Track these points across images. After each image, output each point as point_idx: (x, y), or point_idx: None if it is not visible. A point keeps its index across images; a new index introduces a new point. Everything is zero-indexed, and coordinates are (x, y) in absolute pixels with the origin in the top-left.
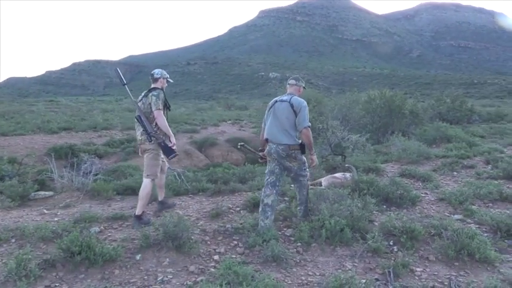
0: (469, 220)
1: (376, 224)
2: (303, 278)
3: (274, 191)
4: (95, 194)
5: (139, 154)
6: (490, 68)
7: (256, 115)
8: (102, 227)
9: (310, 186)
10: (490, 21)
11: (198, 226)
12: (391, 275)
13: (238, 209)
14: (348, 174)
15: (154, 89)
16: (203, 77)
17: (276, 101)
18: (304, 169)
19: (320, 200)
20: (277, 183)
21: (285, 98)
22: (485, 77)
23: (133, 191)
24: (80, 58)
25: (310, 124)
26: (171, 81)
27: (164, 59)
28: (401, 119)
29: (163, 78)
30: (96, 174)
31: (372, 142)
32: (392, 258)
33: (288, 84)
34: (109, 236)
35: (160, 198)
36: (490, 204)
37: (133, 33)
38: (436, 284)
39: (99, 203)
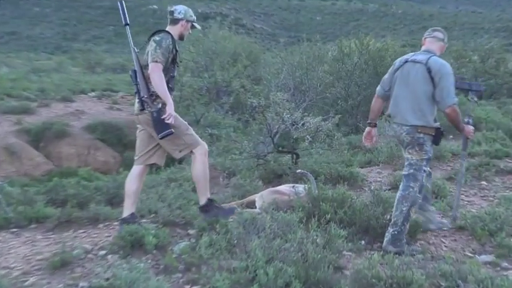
0: (505, 264)
1: (348, 273)
2: None
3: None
4: None
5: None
6: None
7: None
8: None
9: (233, 206)
10: None
11: None
12: None
13: (102, 252)
14: (300, 187)
15: (160, 32)
16: (44, 11)
17: (407, 61)
18: (422, 170)
19: (250, 232)
20: (419, 176)
21: (419, 57)
22: None
23: None
24: None
25: (457, 100)
26: (198, 27)
27: None
28: None
29: (187, 22)
30: None
31: (346, 130)
32: None
33: (426, 37)
34: None
35: (201, 202)
36: None
37: None
38: None
39: None
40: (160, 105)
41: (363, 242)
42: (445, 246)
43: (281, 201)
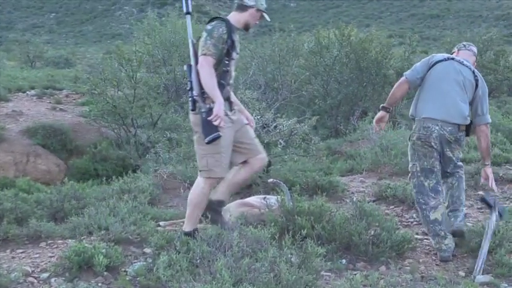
0: (505, 285)
1: None
2: None
3: (441, 199)
4: None
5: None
6: None
7: (92, 78)
8: None
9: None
10: None
11: None
12: None
13: (45, 275)
14: (272, 199)
15: (214, 19)
16: None
17: (454, 59)
18: (460, 158)
19: (215, 250)
20: (440, 187)
21: (466, 62)
22: None
23: None
24: None
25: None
26: (268, 18)
27: None
28: (382, 87)
29: (257, 10)
30: None
31: (324, 133)
32: None
33: (460, 49)
34: None
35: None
36: None
37: None
38: None
39: None
40: (212, 105)
41: (343, 260)
42: (436, 265)
43: (250, 215)
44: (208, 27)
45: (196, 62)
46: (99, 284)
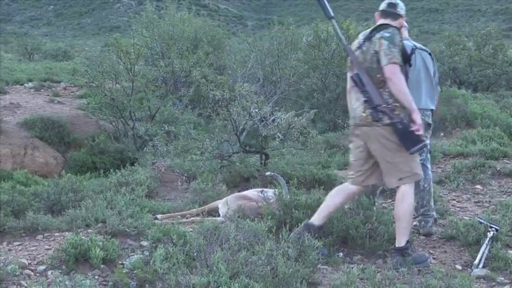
0: (501, 278)
1: None
2: None
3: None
4: None
5: (349, 140)
6: None
7: (90, 71)
8: None
9: (189, 217)
10: None
11: None
12: None
13: (41, 267)
14: (270, 192)
15: (385, 26)
16: None
17: (416, 48)
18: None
19: (212, 243)
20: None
21: (417, 45)
22: None
23: None
24: None
25: None
26: (406, 25)
27: None
28: None
29: (403, 18)
30: None
31: (323, 127)
32: None
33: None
34: None
35: (318, 222)
36: None
37: None
38: None
39: None
40: (402, 115)
41: (340, 254)
42: (433, 258)
43: (248, 208)
44: (386, 34)
45: (364, 71)
46: (96, 277)
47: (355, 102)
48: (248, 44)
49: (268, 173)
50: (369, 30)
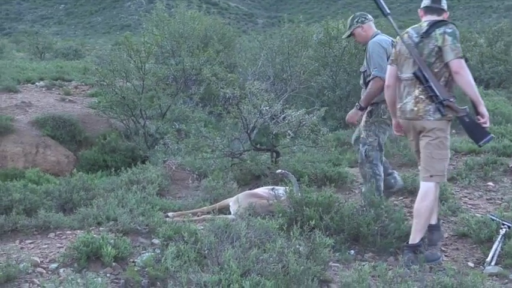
0: None
1: (335, 286)
2: None
3: None
4: None
5: (395, 133)
6: None
7: (101, 70)
8: None
9: (200, 215)
10: None
11: None
12: None
13: (53, 265)
14: (281, 190)
15: (444, 23)
16: None
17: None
18: None
19: (223, 241)
20: None
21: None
22: None
23: None
24: None
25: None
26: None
27: None
28: None
29: (447, 13)
30: None
31: (333, 124)
32: None
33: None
34: None
35: (433, 222)
36: None
37: None
38: None
39: None
40: (467, 108)
41: (352, 251)
42: (445, 255)
43: (259, 206)
44: (449, 30)
45: (426, 66)
46: (108, 275)
47: (405, 97)
48: (258, 41)
49: (279, 171)
50: (423, 26)
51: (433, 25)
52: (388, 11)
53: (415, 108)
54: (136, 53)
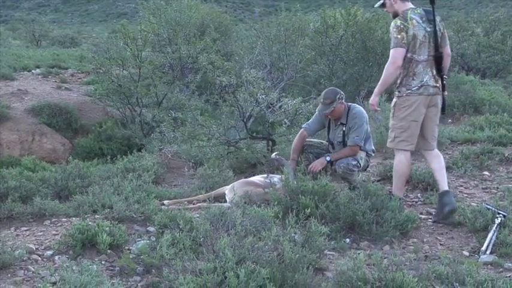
0: (508, 264)
1: (330, 274)
2: None
3: None
4: None
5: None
6: None
7: (97, 57)
8: None
9: (195, 203)
10: None
11: None
12: None
13: (48, 252)
14: (276, 178)
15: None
16: None
17: None
18: None
19: (218, 229)
20: None
21: None
22: None
23: None
24: None
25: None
26: None
27: None
28: None
29: None
30: None
31: None
32: None
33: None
34: None
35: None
36: None
37: None
38: None
39: None
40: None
41: (347, 240)
42: (440, 244)
43: (254, 194)
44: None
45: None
46: (103, 262)
47: (424, 76)
48: (255, 30)
49: (273, 155)
50: (426, 11)
51: (432, 11)
52: None
53: (437, 85)
54: (133, 41)
